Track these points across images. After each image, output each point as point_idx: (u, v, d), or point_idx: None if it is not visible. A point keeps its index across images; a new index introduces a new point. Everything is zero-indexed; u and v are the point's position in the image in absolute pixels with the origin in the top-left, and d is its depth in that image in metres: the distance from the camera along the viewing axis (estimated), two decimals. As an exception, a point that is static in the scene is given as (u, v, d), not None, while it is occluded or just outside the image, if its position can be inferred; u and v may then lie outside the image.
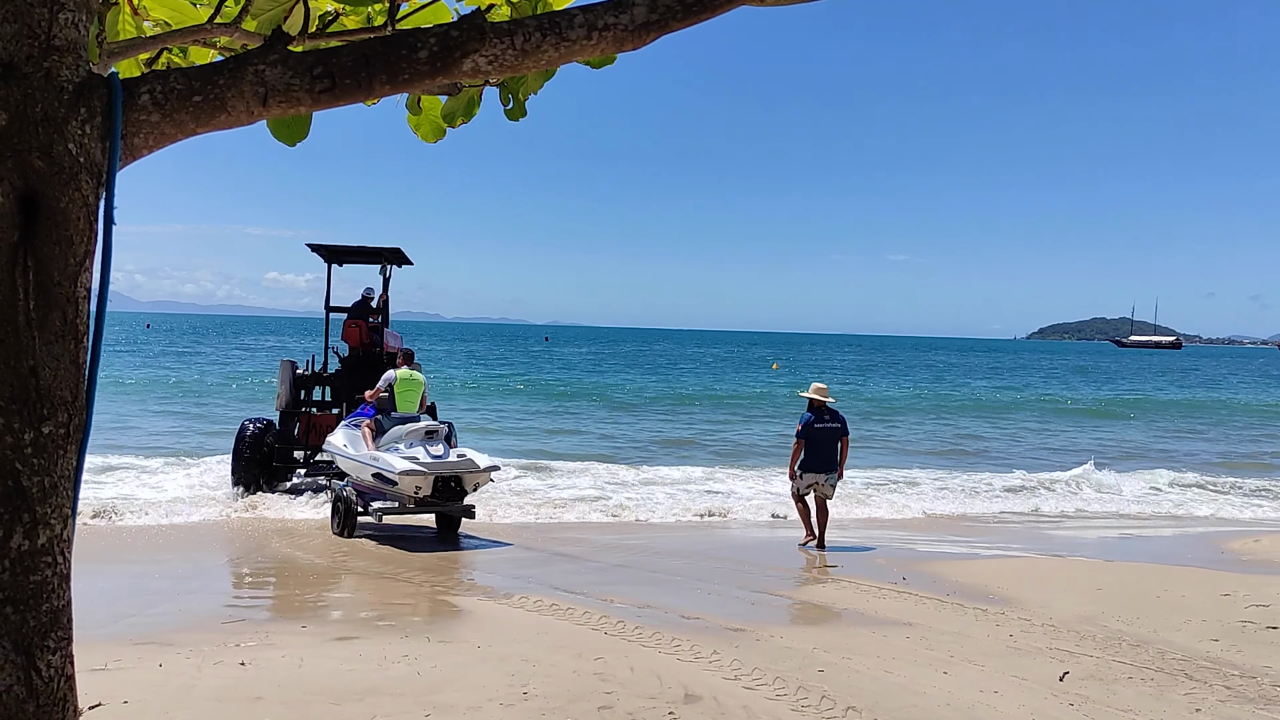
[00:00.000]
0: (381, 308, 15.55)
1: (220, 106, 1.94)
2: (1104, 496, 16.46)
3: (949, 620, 7.86)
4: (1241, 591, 8.84)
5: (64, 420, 1.82)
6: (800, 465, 10.93)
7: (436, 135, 3.19)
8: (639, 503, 14.28)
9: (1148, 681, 6.33)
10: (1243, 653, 7.04)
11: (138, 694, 5.47)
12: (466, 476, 10.64)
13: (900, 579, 9.43)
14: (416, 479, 10.32)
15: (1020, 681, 6.22)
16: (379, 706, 5.40)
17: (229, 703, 5.42)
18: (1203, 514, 15.19)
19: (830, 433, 10.89)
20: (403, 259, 15.40)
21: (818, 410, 10.94)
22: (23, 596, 1.76)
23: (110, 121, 1.87)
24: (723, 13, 2.10)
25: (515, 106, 3.13)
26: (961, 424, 30.25)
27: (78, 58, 1.85)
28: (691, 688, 5.88)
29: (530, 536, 11.70)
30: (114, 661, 6.12)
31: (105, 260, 1.92)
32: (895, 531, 12.79)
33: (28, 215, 1.76)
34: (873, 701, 5.71)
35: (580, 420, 28.05)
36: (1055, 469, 18.80)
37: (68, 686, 1.85)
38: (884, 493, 15.71)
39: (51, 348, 1.79)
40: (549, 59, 2.07)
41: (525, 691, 5.69)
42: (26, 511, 1.76)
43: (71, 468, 1.86)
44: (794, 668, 6.35)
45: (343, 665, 6.19)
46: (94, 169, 1.85)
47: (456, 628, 7.42)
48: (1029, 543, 12.16)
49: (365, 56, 1.97)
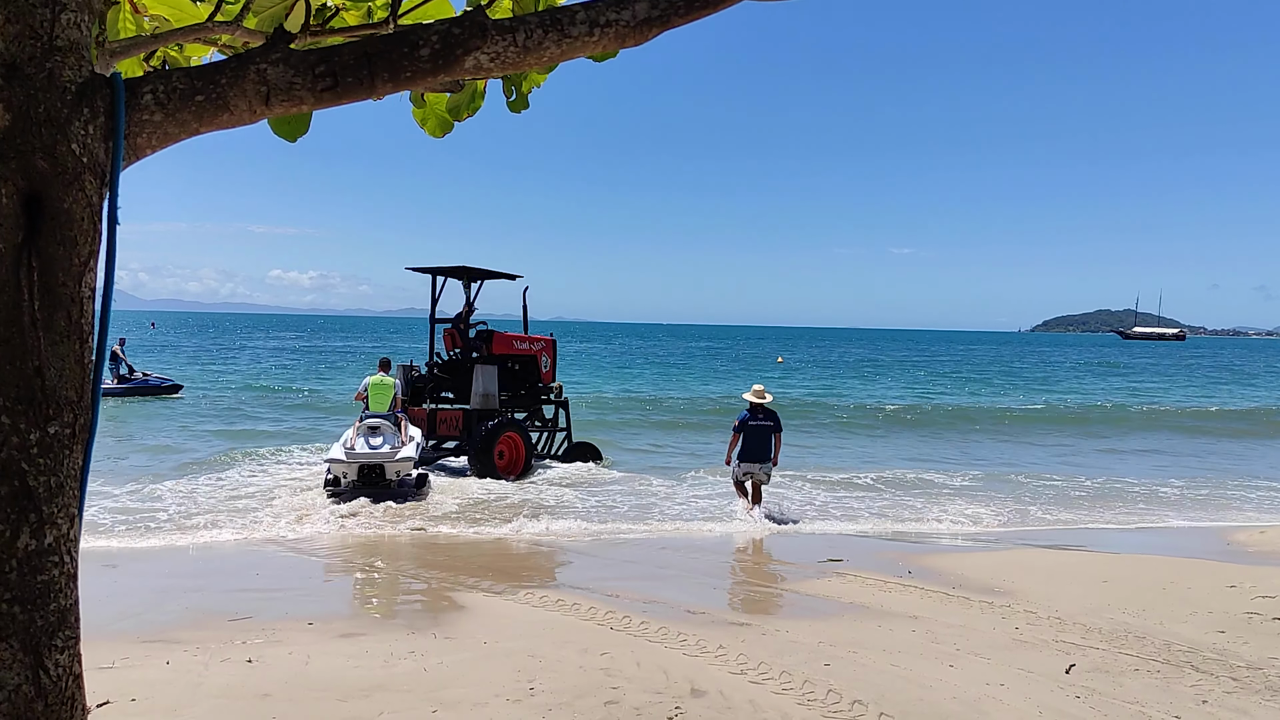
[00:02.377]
0: (465, 318, 17.22)
1: (223, 106, 1.94)
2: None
3: (955, 613, 7.86)
4: (1248, 583, 8.82)
5: (70, 420, 1.82)
6: (737, 456, 12.47)
7: (443, 130, 3.18)
8: (639, 501, 14.30)
9: (1154, 673, 6.33)
10: (1249, 644, 7.04)
11: (145, 691, 5.49)
12: (387, 465, 13.00)
13: (906, 572, 9.44)
14: (342, 466, 13.03)
15: (1026, 674, 6.22)
16: (385, 703, 5.41)
17: (236, 700, 5.43)
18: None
19: (763, 429, 12.37)
20: (494, 275, 17.25)
21: (754, 409, 12.42)
22: (30, 596, 1.76)
23: (113, 121, 1.87)
24: (724, 8, 2.09)
25: (518, 99, 3.13)
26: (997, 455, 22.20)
27: (80, 58, 1.85)
28: (698, 682, 5.89)
29: (537, 533, 11.71)
30: (122, 659, 6.15)
31: (109, 260, 1.92)
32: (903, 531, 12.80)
33: (32, 216, 1.76)
34: (879, 695, 5.72)
35: (612, 431, 24.37)
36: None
37: (75, 685, 1.86)
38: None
39: (57, 348, 1.79)
40: (551, 55, 2.07)
41: (531, 687, 5.71)
42: (33, 511, 1.76)
43: (78, 467, 1.86)
44: (800, 661, 6.36)
45: (349, 662, 6.21)
46: (97, 169, 1.85)
47: (462, 624, 7.43)
48: (1035, 536, 12.16)
49: (367, 55, 1.97)
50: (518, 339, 17.47)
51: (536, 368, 17.50)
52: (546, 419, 17.83)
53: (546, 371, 17.60)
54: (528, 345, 17.51)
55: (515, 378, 17.25)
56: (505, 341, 17.20)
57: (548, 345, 17.83)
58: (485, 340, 17.06)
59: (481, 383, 15.98)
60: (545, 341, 17.82)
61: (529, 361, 17.46)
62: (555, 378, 17.82)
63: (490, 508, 13.26)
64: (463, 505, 13.35)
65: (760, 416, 12.38)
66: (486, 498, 13.98)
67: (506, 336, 17.28)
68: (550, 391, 17.57)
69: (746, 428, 12.34)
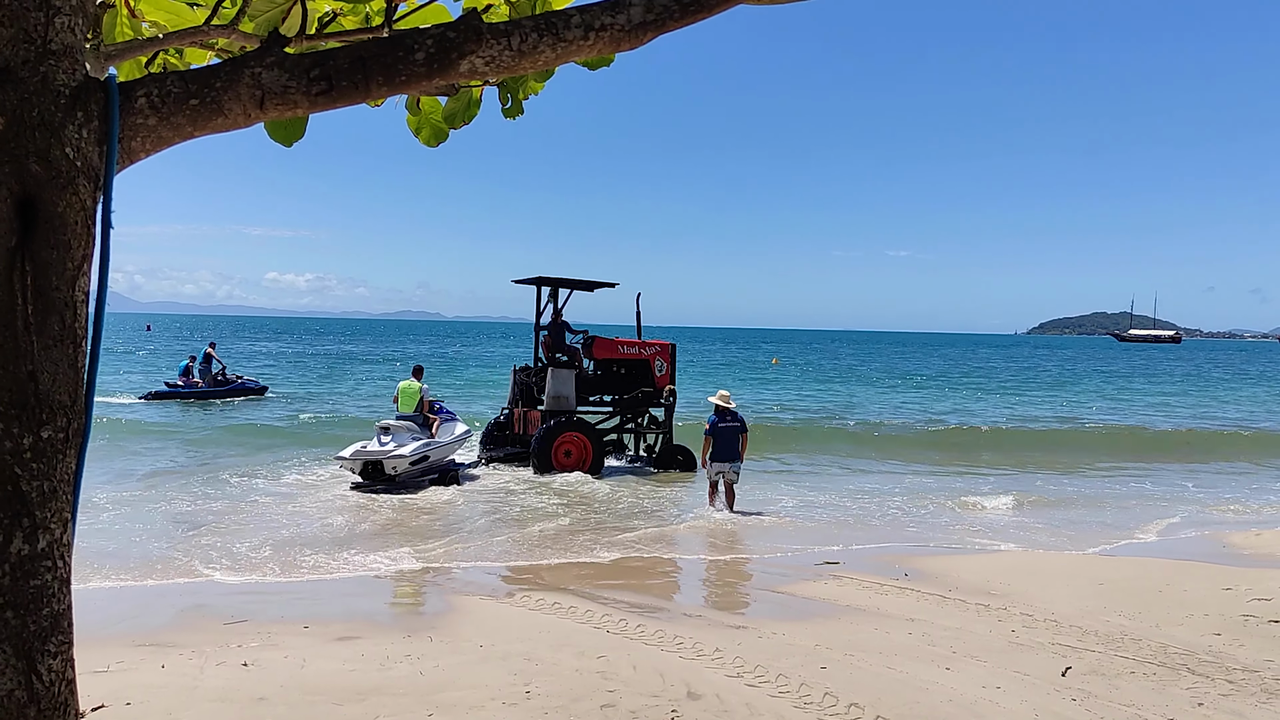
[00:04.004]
0: (551, 325, 17.91)
1: (217, 110, 1.94)
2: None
3: (951, 616, 7.86)
4: (1243, 585, 8.84)
5: (63, 424, 1.82)
6: (710, 457, 13.23)
7: (437, 139, 3.18)
8: (637, 502, 14.30)
9: (1150, 676, 6.33)
10: (1245, 647, 7.04)
11: (140, 695, 5.47)
12: (385, 461, 14.32)
13: (902, 575, 9.44)
14: (348, 461, 14.57)
15: (1023, 677, 6.23)
16: (381, 706, 5.40)
17: (231, 704, 5.42)
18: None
19: (731, 430, 13.22)
20: (592, 285, 18.24)
21: (721, 412, 13.35)
22: (23, 601, 1.76)
23: (107, 125, 1.86)
24: (719, 12, 2.09)
25: (514, 105, 3.12)
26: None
27: (74, 61, 1.84)
28: (694, 685, 5.88)
29: (531, 537, 11.71)
30: (117, 663, 6.13)
31: (103, 264, 1.92)
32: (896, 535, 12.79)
33: (25, 220, 1.76)
34: (875, 698, 5.71)
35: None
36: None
37: (68, 690, 1.85)
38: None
39: (50, 352, 1.79)
40: (546, 59, 2.07)
41: (528, 690, 5.70)
42: (26, 516, 1.76)
43: (71, 472, 1.86)
44: (796, 664, 6.36)
45: (345, 665, 6.20)
46: (91, 173, 1.85)
47: (459, 627, 7.42)
48: (1031, 537, 12.16)
49: (362, 58, 1.97)
50: (625, 344, 18.10)
51: (649, 371, 18.03)
52: (659, 421, 18.26)
53: (662, 375, 18.07)
54: (637, 350, 18.11)
55: (622, 381, 17.97)
56: (609, 347, 17.97)
57: (663, 350, 18.23)
58: (587, 346, 17.90)
59: (553, 385, 16.92)
60: (660, 346, 18.27)
61: (638, 366, 18.03)
62: (674, 381, 18.28)
63: (491, 508, 13.26)
64: (464, 505, 13.34)
65: (728, 419, 13.27)
66: (488, 498, 13.99)
67: (611, 342, 18.00)
68: (661, 395, 18.00)
69: (717, 430, 13.21)
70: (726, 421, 13.29)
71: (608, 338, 18.09)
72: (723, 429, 13.23)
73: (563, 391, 16.95)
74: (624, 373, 17.99)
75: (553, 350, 17.63)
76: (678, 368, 18.41)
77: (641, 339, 18.44)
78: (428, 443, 15.06)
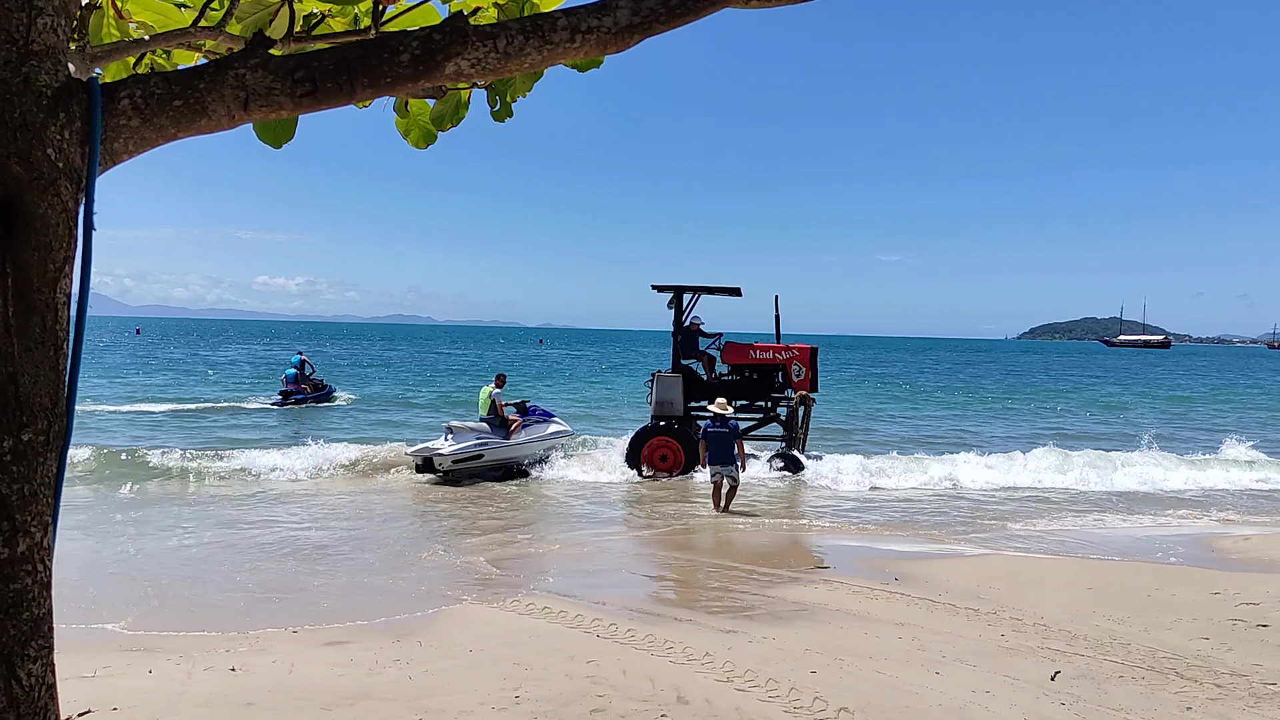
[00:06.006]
0: (678, 330, 18.36)
1: (200, 111, 1.93)
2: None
3: (941, 620, 7.87)
4: (1231, 590, 8.87)
5: (43, 427, 1.81)
6: (707, 460, 13.95)
7: (426, 141, 3.17)
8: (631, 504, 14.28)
9: (1139, 680, 6.34)
10: (1233, 651, 7.06)
11: (127, 700, 5.44)
12: (435, 458, 16.19)
13: (892, 579, 9.44)
14: (413, 456, 16.61)
15: (1012, 681, 6.23)
16: (370, 711, 5.38)
17: (219, 709, 5.39)
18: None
19: (722, 435, 13.84)
20: (716, 290, 18.45)
21: (715, 419, 14.09)
22: (2, 605, 1.74)
23: (90, 126, 1.85)
24: (706, 15, 2.09)
25: (502, 108, 3.12)
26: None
27: (57, 63, 1.83)
28: (684, 690, 5.87)
29: (522, 538, 11.68)
30: (104, 668, 6.10)
31: (85, 266, 1.91)
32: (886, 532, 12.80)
33: (6, 221, 1.75)
34: (865, 702, 5.71)
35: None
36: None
37: (49, 695, 1.84)
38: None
39: (31, 354, 1.77)
40: (532, 61, 2.06)
41: (517, 695, 5.68)
42: (6, 519, 1.74)
43: (51, 475, 1.84)
44: (786, 669, 6.35)
45: (333, 670, 6.17)
46: (73, 174, 1.83)
47: (448, 631, 7.39)
48: (1020, 541, 12.18)
49: (346, 60, 1.96)
50: (758, 349, 18.34)
51: (785, 375, 18.27)
52: (793, 425, 18.29)
53: (800, 379, 18.22)
54: (770, 355, 18.35)
55: (753, 386, 18.32)
56: (739, 351, 18.35)
57: (801, 354, 18.36)
58: (718, 351, 18.37)
59: (659, 391, 17.88)
60: (799, 350, 18.38)
61: (772, 370, 18.30)
62: (815, 386, 18.53)
63: (492, 508, 13.22)
64: (464, 506, 13.30)
65: (719, 425, 13.96)
66: (489, 500, 13.96)
67: (741, 346, 18.37)
68: (792, 399, 18.19)
69: (708, 435, 13.97)
70: (718, 428, 13.90)
71: (741, 343, 18.42)
72: (712, 434, 13.86)
73: (668, 396, 17.76)
74: (756, 377, 18.31)
75: (681, 356, 18.19)
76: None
77: (780, 343, 18.64)
78: (485, 443, 16.61)
